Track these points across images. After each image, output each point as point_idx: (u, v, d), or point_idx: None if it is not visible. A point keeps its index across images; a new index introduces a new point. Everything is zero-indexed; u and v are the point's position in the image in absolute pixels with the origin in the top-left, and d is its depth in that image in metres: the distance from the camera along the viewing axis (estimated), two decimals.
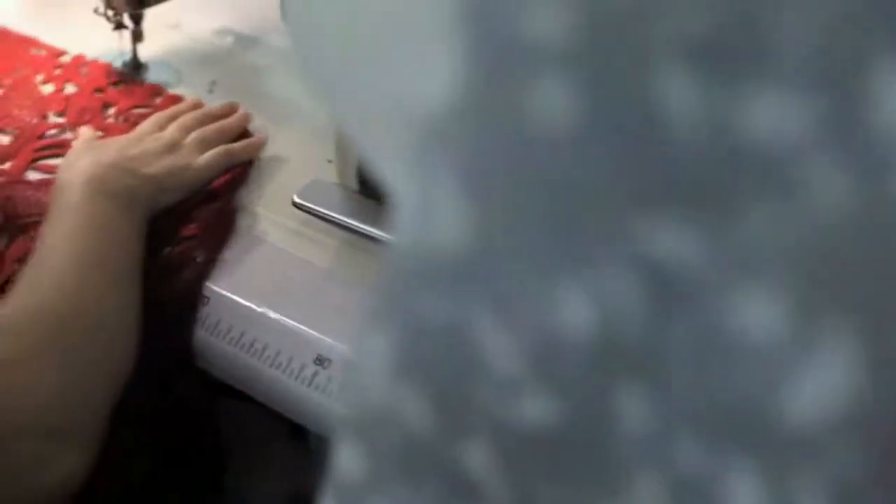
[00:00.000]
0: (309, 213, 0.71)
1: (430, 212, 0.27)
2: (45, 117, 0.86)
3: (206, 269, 0.71)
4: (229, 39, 0.97)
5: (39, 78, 0.90)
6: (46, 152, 0.82)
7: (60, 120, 0.85)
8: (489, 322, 0.26)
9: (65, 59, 0.92)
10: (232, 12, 0.99)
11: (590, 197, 0.24)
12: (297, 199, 0.71)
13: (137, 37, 0.90)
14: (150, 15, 0.89)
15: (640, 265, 0.23)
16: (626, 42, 0.23)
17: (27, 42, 0.95)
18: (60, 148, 0.82)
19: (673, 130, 0.23)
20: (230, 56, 0.95)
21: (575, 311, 0.24)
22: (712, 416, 0.25)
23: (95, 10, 0.89)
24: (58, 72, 0.91)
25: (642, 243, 0.23)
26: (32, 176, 0.80)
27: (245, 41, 0.97)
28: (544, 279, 0.25)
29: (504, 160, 0.26)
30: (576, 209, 0.24)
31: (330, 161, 0.80)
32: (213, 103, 0.87)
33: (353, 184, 0.72)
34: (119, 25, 0.89)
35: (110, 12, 0.87)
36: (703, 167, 0.23)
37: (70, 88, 0.89)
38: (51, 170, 0.80)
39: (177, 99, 0.87)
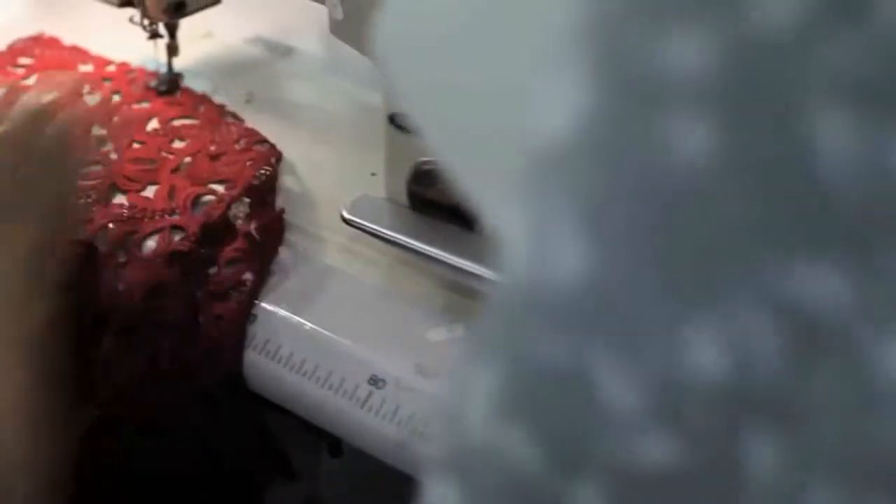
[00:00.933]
0: (359, 229, 0.70)
1: (546, 247, 0.26)
2: (88, 131, 0.84)
3: (255, 290, 0.69)
4: (264, 48, 0.95)
5: (87, 89, 0.88)
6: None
7: (102, 132, 0.84)
8: (609, 361, 0.25)
9: (110, 68, 0.91)
10: (266, 21, 0.97)
11: (726, 236, 0.23)
12: (346, 215, 0.70)
13: (173, 51, 0.88)
14: (183, 24, 0.88)
15: (781, 308, 0.23)
16: (776, 77, 0.22)
17: (76, 52, 0.93)
18: (100, 159, 0.81)
19: (823, 171, 0.22)
20: (266, 66, 0.93)
21: (705, 352, 0.24)
22: (857, 463, 0.24)
23: (131, 20, 0.87)
24: (107, 83, 0.89)
25: (783, 286, 0.23)
26: None
27: (280, 50, 0.95)
28: (672, 319, 0.24)
29: (630, 195, 0.25)
30: (709, 248, 0.24)
31: (374, 174, 0.79)
32: (251, 115, 0.85)
33: (403, 199, 0.70)
34: (154, 35, 0.87)
35: (146, 21, 0.85)
36: (856, 209, 0.22)
37: (117, 99, 0.88)
38: (92, 178, 0.79)
39: (220, 108, 0.85)
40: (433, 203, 0.69)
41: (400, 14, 0.38)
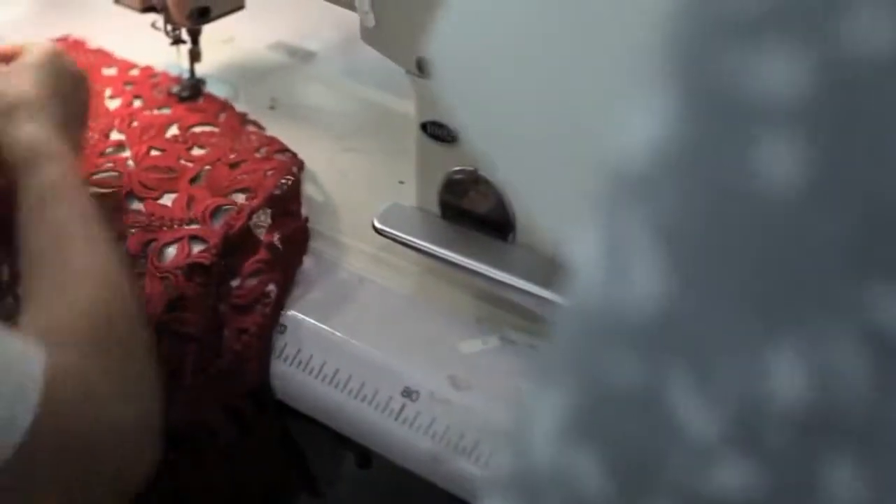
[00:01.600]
0: (391, 239, 0.69)
1: (622, 269, 0.25)
2: (108, 136, 0.83)
3: (279, 302, 0.68)
4: (286, 53, 0.95)
5: (108, 92, 0.87)
6: (103, 169, 0.80)
7: (121, 137, 0.83)
8: (686, 386, 0.24)
9: (134, 72, 0.90)
10: (287, 25, 0.97)
11: (815, 260, 0.23)
12: (378, 225, 0.69)
13: (195, 56, 0.87)
14: (205, 29, 0.87)
15: (867, 332, 0.22)
16: (873, 98, 0.22)
17: (101, 55, 0.92)
18: (116, 165, 0.80)
19: None
20: (288, 71, 0.92)
21: (787, 378, 0.23)
22: None
23: (153, 25, 0.87)
24: (129, 87, 0.88)
25: (871, 310, 0.22)
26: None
27: (301, 55, 0.94)
28: (753, 343, 0.24)
29: (712, 218, 0.24)
30: (797, 272, 0.23)
31: (401, 182, 0.78)
32: (275, 121, 0.84)
33: (435, 208, 0.69)
34: (177, 41, 0.86)
35: (169, 27, 0.85)
36: None
37: (138, 104, 0.87)
38: (108, 184, 0.78)
39: (241, 116, 0.84)
40: (466, 212, 0.68)
41: (462, 26, 0.37)
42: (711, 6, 0.23)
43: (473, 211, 0.68)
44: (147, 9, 0.85)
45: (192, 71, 0.88)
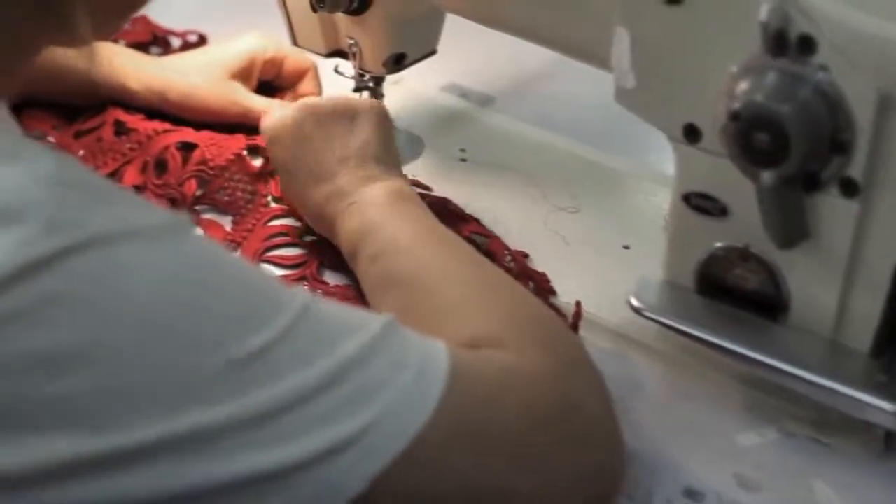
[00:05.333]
0: (649, 318, 0.63)
1: None
2: (266, 202, 0.78)
3: None
4: (463, 98, 0.89)
5: None
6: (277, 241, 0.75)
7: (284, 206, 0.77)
8: None
9: None
10: (456, 67, 0.91)
11: None
12: (635, 303, 0.64)
13: (378, 99, 0.82)
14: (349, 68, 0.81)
15: None
16: None
17: None
18: (289, 236, 0.74)
19: None
20: (471, 117, 0.87)
21: None
22: None
23: (336, 70, 0.81)
24: None
25: None
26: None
27: (479, 99, 0.89)
28: None
29: None
30: None
31: (626, 247, 0.73)
32: (470, 175, 0.79)
33: (688, 282, 0.64)
34: (361, 88, 0.81)
35: (360, 73, 0.79)
36: None
37: None
38: (279, 260, 0.73)
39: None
40: (728, 290, 0.63)
41: None
42: None
43: (738, 288, 0.63)
44: (332, 53, 0.80)
45: None
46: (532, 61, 0.91)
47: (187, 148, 0.79)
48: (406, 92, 0.88)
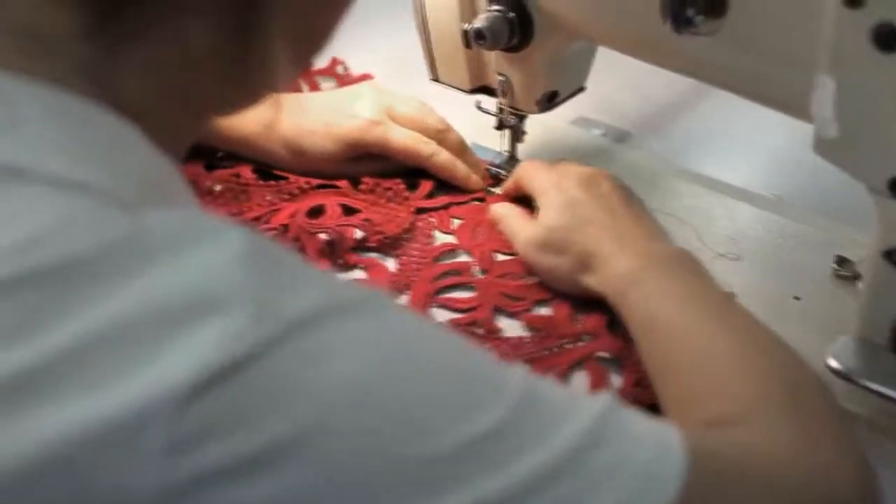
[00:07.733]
0: (852, 382, 0.60)
1: None
2: (430, 238, 0.75)
3: None
4: (595, 132, 0.86)
5: None
6: (447, 282, 0.71)
7: (451, 240, 0.74)
8: None
9: None
10: (581, 100, 0.88)
11: None
12: (834, 365, 0.60)
13: (518, 137, 0.79)
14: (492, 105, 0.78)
15: None
16: None
17: None
18: (461, 274, 0.71)
19: None
20: (610, 155, 0.83)
21: None
22: None
23: (478, 106, 0.78)
24: None
25: None
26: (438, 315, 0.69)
27: (615, 134, 0.86)
28: None
29: None
30: None
31: (797, 298, 0.70)
32: None
33: (883, 340, 0.61)
34: (502, 125, 0.78)
35: (507, 111, 0.76)
36: None
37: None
38: (451, 304, 0.69)
39: None
40: None
41: None
42: None
43: None
44: (476, 90, 0.77)
45: (512, 151, 0.79)
46: (665, 94, 0.88)
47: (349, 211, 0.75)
48: (535, 126, 0.84)
